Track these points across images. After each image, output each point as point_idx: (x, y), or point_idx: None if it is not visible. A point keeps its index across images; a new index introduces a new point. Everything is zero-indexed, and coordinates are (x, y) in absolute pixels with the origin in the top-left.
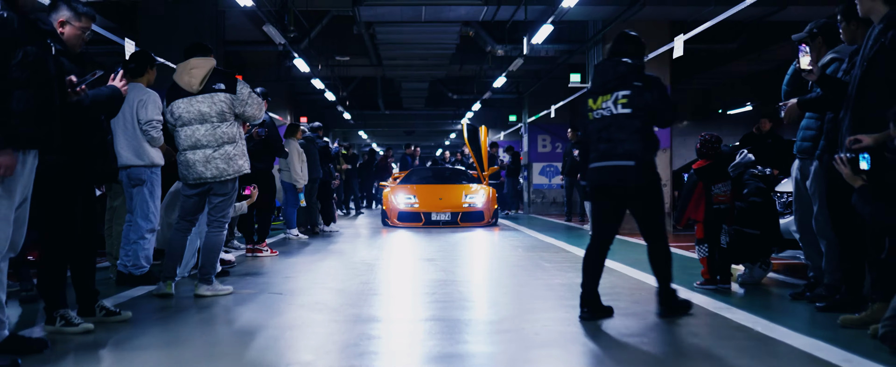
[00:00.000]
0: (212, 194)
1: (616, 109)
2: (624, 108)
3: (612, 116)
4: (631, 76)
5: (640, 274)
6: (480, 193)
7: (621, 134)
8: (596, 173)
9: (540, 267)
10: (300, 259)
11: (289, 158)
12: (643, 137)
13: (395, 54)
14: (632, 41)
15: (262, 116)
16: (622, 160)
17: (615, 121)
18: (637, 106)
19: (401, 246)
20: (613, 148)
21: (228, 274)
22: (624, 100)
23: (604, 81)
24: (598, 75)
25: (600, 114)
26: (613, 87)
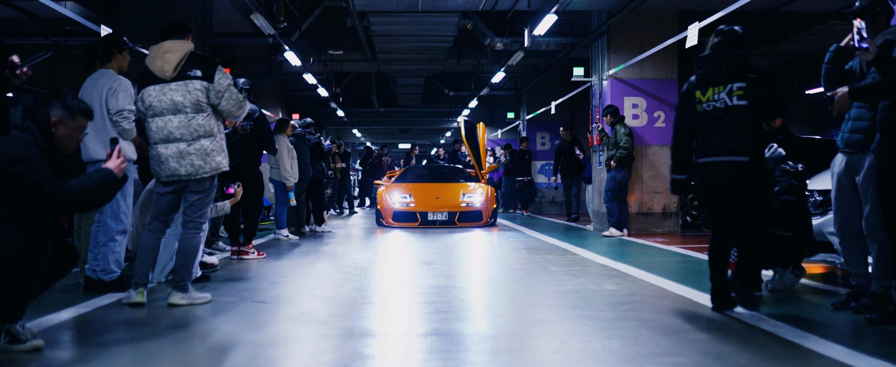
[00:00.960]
0: (187, 192)
1: (731, 101)
2: (740, 99)
3: (726, 107)
4: (747, 68)
5: (657, 278)
6: (478, 192)
7: (735, 127)
8: (708, 169)
9: (547, 271)
10: (288, 262)
11: (278, 155)
12: (756, 131)
13: (390, 47)
14: (741, 36)
15: (241, 115)
16: (736, 156)
17: (729, 113)
18: (753, 98)
19: (396, 248)
20: (725, 142)
21: (209, 279)
22: (740, 92)
23: (718, 71)
24: (711, 65)
25: (712, 106)
26: (728, 77)
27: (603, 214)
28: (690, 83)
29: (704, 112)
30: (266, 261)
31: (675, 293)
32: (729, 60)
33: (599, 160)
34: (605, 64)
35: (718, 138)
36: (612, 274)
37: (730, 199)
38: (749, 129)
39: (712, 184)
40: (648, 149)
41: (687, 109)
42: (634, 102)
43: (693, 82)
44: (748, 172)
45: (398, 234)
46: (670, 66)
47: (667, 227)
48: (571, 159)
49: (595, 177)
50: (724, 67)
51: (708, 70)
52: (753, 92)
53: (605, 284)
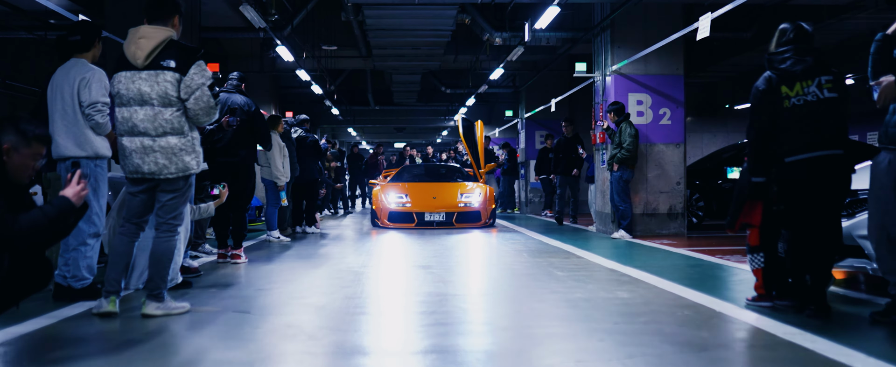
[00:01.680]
0: (159, 192)
1: (822, 94)
2: (830, 92)
3: (819, 100)
4: (827, 62)
5: (672, 285)
6: (477, 191)
7: (830, 119)
8: (803, 167)
9: (552, 277)
10: (278, 267)
11: (270, 153)
12: (846, 124)
13: (386, 42)
14: (811, 32)
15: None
16: (831, 149)
17: (823, 106)
18: (841, 90)
19: (392, 250)
20: (820, 136)
21: (191, 285)
22: (828, 84)
23: (805, 65)
24: (797, 60)
25: (803, 99)
26: (815, 71)
27: (606, 214)
28: (771, 79)
29: (794, 107)
30: (254, 266)
31: (694, 302)
32: (813, 53)
33: (602, 159)
34: (609, 59)
35: (813, 133)
36: (622, 280)
37: (824, 195)
38: (842, 121)
39: (806, 182)
40: (654, 147)
41: (770, 107)
42: (639, 99)
43: (775, 78)
44: (843, 166)
45: (394, 235)
46: (676, 61)
47: (673, 228)
48: (571, 158)
49: (598, 176)
50: (810, 61)
51: (792, 65)
52: (840, 84)
53: (617, 291)
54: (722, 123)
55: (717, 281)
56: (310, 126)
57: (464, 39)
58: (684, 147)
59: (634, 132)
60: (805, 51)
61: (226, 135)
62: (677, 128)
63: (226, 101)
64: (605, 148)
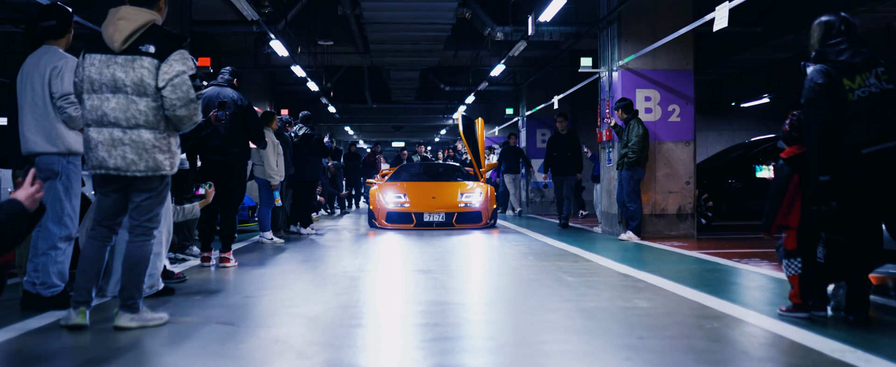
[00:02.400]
0: (132, 191)
1: (882, 85)
2: (887, 83)
3: (881, 91)
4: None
5: (693, 292)
6: (477, 191)
7: (892, 110)
8: (879, 159)
9: (562, 283)
10: (269, 271)
11: (263, 151)
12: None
13: (384, 37)
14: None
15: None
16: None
17: (886, 96)
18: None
19: (390, 253)
20: (891, 126)
21: (173, 292)
22: (885, 76)
23: (863, 57)
24: (855, 52)
25: (867, 91)
26: (872, 62)
27: (613, 215)
28: (830, 73)
29: (860, 99)
30: (244, 269)
31: (722, 312)
32: (864, 46)
33: (609, 158)
34: (616, 54)
35: (882, 123)
36: (638, 286)
37: (888, 190)
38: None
39: (880, 174)
40: (663, 145)
41: (832, 101)
42: (647, 95)
43: (833, 71)
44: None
45: (392, 237)
46: (686, 55)
47: (682, 229)
48: (566, 156)
49: (604, 176)
50: (866, 53)
51: (851, 57)
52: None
53: (635, 299)
54: (727, 121)
55: (739, 288)
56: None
57: (464, 34)
58: (694, 145)
59: (643, 131)
60: (858, 42)
61: (216, 129)
62: (687, 125)
63: (216, 95)
64: (611, 146)
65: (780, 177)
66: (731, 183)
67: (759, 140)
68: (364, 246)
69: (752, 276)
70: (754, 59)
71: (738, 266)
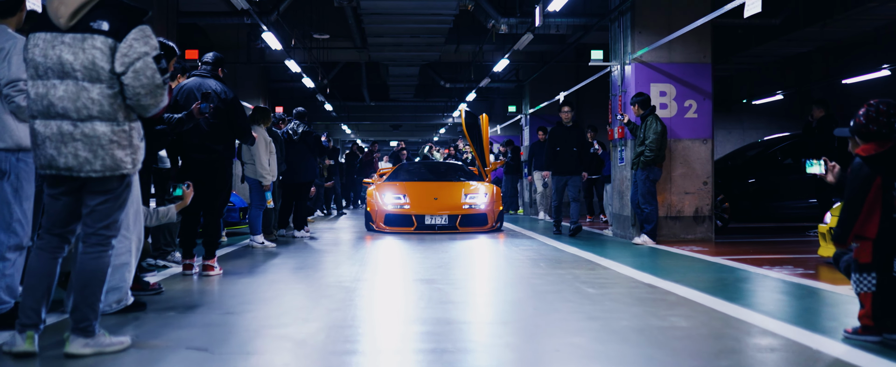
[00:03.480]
0: (86, 193)
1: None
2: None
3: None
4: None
5: (735, 308)
6: (482, 191)
7: None
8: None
9: (582, 295)
10: (256, 280)
11: (254, 149)
12: None
13: (383, 29)
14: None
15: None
16: None
17: None
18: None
19: (388, 259)
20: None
21: (145, 308)
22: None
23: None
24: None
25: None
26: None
27: (625, 217)
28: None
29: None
30: (228, 279)
31: (776, 333)
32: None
33: (621, 156)
34: (628, 46)
35: None
36: (669, 300)
37: None
38: None
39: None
40: (679, 143)
41: None
42: (662, 90)
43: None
44: None
45: (391, 241)
46: (703, 47)
47: (699, 233)
48: (571, 151)
49: (615, 175)
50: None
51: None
52: None
53: (670, 316)
54: (736, 119)
55: (784, 302)
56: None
57: (466, 28)
58: (712, 143)
59: (660, 128)
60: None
61: (197, 125)
62: (704, 121)
63: (198, 86)
64: (624, 144)
65: (859, 179)
66: (750, 183)
67: (777, 138)
68: (361, 252)
69: (792, 287)
70: (769, 53)
71: (771, 275)
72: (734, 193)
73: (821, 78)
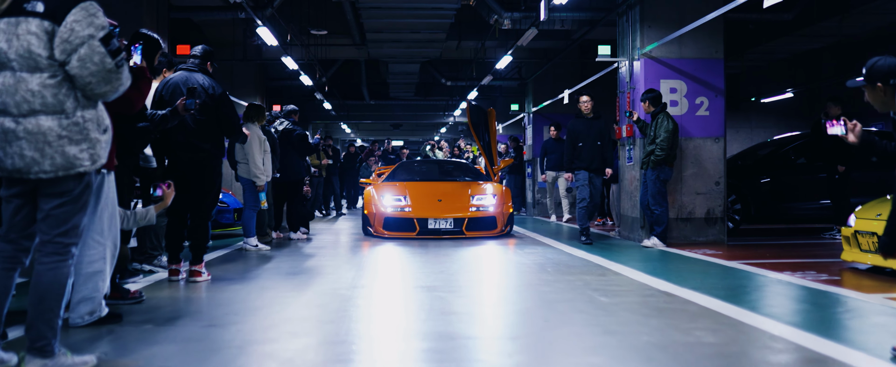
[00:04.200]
0: (40, 196)
1: None
2: None
3: None
4: None
5: (763, 320)
6: (491, 193)
7: None
8: None
9: (596, 305)
10: (245, 287)
11: (248, 148)
12: None
13: (382, 25)
14: None
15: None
16: None
17: None
18: None
19: (387, 264)
20: None
21: (120, 320)
22: None
23: None
24: None
25: None
26: None
27: (633, 219)
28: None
29: None
30: (217, 285)
31: (815, 351)
32: None
33: (629, 155)
34: (637, 41)
35: None
36: (690, 310)
37: None
38: None
39: None
40: (690, 142)
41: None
42: (672, 86)
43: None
44: None
45: (390, 248)
46: (715, 42)
47: (711, 235)
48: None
49: (623, 175)
50: None
51: None
52: None
53: (695, 330)
54: (744, 118)
55: (816, 313)
56: (297, 118)
57: (468, 24)
58: (724, 141)
59: (672, 126)
60: None
61: (183, 122)
62: (716, 119)
63: (184, 80)
64: (632, 143)
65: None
66: (762, 183)
67: (789, 137)
68: (358, 258)
69: (819, 296)
70: (779, 50)
71: (795, 281)
72: (745, 193)
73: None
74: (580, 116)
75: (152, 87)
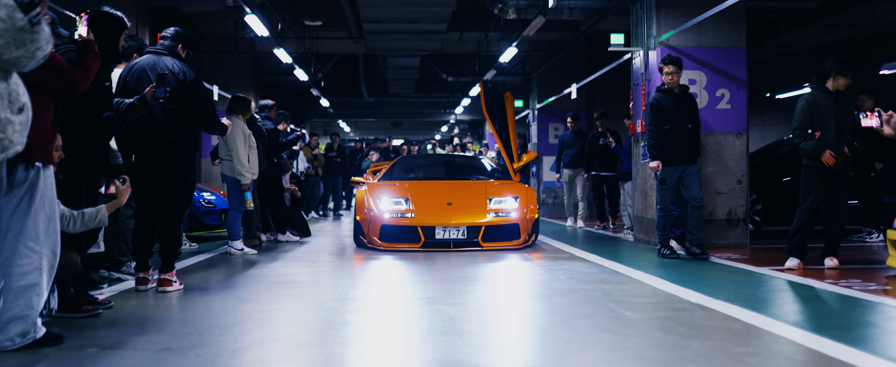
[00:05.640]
0: None
1: None
2: None
3: None
4: None
5: (824, 343)
6: (512, 194)
7: None
8: None
9: (623, 321)
10: (220, 300)
11: (231, 143)
12: None
13: (380, 15)
14: None
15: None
16: None
17: None
18: None
19: (384, 273)
20: None
21: (61, 341)
22: None
23: None
24: None
25: None
26: None
27: (648, 220)
28: None
29: None
30: (187, 298)
31: None
32: None
33: (644, 152)
34: (653, 29)
35: None
36: (732, 328)
37: None
38: None
39: None
40: (710, 137)
41: None
42: (692, 78)
43: None
44: None
45: (388, 263)
46: (736, 30)
47: (733, 237)
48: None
49: (637, 173)
50: None
51: None
52: None
53: (745, 355)
54: (757, 115)
55: (882, 331)
56: (273, 113)
57: (470, 14)
58: (747, 137)
59: None
60: None
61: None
62: (738, 113)
63: (152, 65)
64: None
65: None
66: (784, 182)
67: None
68: (352, 262)
69: (878, 310)
70: (799, 42)
71: (843, 291)
72: (767, 193)
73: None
74: (664, 91)
75: (117, 73)
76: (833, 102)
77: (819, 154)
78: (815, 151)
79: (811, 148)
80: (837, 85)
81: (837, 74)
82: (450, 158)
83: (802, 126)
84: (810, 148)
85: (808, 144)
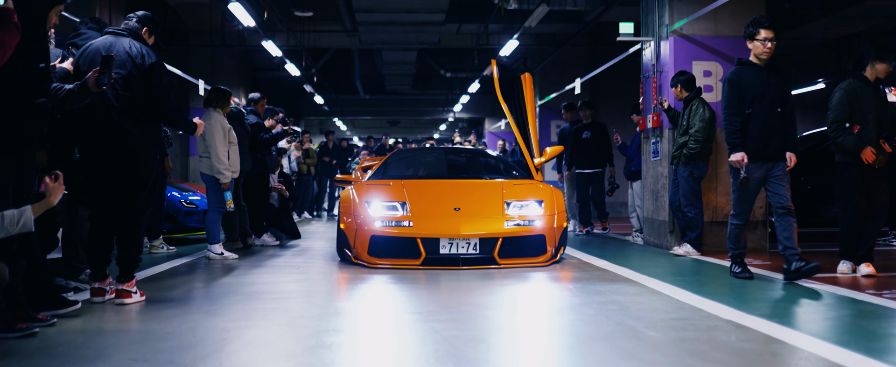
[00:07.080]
0: None
1: None
2: None
3: None
4: None
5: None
6: (535, 198)
7: None
8: None
9: (647, 343)
10: (184, 313)
11: (209, 139)
12: None
13: (373, 5)
14: None
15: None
16: None
17: None
18: None
19: (373, 284)
20: None
21: None
22: None
23: None
24: None
25: None
26: None
27: (660, 222)
28: None
29: None
30: (148, 311)
31: None
32: None
33: (655, 149)
34: (665, 17)
35: None
36: (773, 351)
37: None
38: None
39: None
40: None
41: None
42: (706, 69)
43: None
44: None
45: (380, 285)
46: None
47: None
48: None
49: (647, 172)
50: None
51: None
52: None
53: None
54: None
55: None
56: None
57: (469, 4)
58: None
59: (709, 115)
60: None
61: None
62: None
63: (108, 48)
64: (658, 135)
65: None
66: (800, 181)
67: None
68: (339, 271)
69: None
70: (814, 34)
71: (889, 304)
72: None
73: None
74: (745, 64)
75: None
76: (873, 92)
77: (858, 151)
78: (855, 147)
79: (851, 144)
80: (877, 72)
81: (876, 59)
82: (456, 152)
83: (841, 119)
84: (850, 144)
85: (846, 139)
